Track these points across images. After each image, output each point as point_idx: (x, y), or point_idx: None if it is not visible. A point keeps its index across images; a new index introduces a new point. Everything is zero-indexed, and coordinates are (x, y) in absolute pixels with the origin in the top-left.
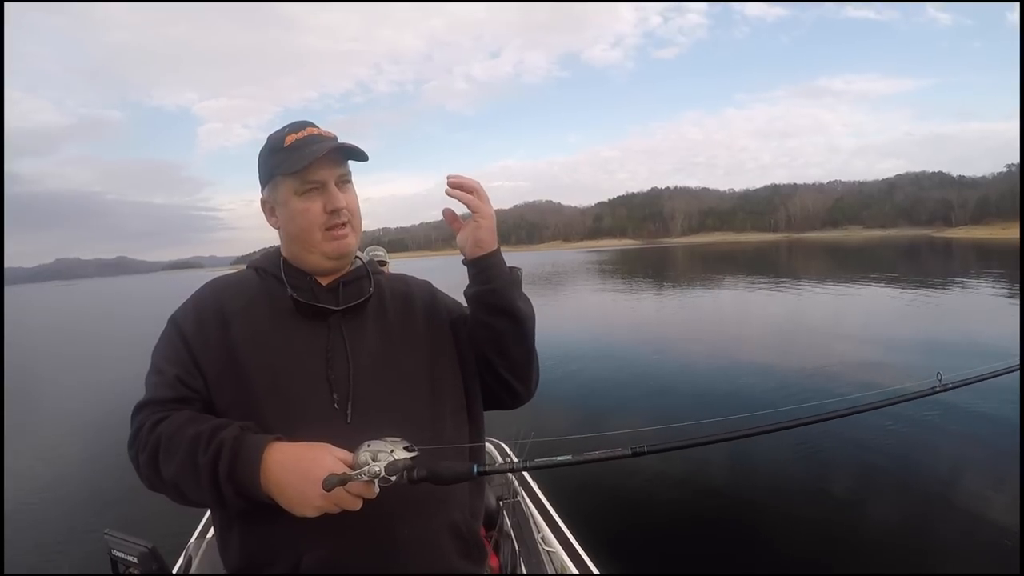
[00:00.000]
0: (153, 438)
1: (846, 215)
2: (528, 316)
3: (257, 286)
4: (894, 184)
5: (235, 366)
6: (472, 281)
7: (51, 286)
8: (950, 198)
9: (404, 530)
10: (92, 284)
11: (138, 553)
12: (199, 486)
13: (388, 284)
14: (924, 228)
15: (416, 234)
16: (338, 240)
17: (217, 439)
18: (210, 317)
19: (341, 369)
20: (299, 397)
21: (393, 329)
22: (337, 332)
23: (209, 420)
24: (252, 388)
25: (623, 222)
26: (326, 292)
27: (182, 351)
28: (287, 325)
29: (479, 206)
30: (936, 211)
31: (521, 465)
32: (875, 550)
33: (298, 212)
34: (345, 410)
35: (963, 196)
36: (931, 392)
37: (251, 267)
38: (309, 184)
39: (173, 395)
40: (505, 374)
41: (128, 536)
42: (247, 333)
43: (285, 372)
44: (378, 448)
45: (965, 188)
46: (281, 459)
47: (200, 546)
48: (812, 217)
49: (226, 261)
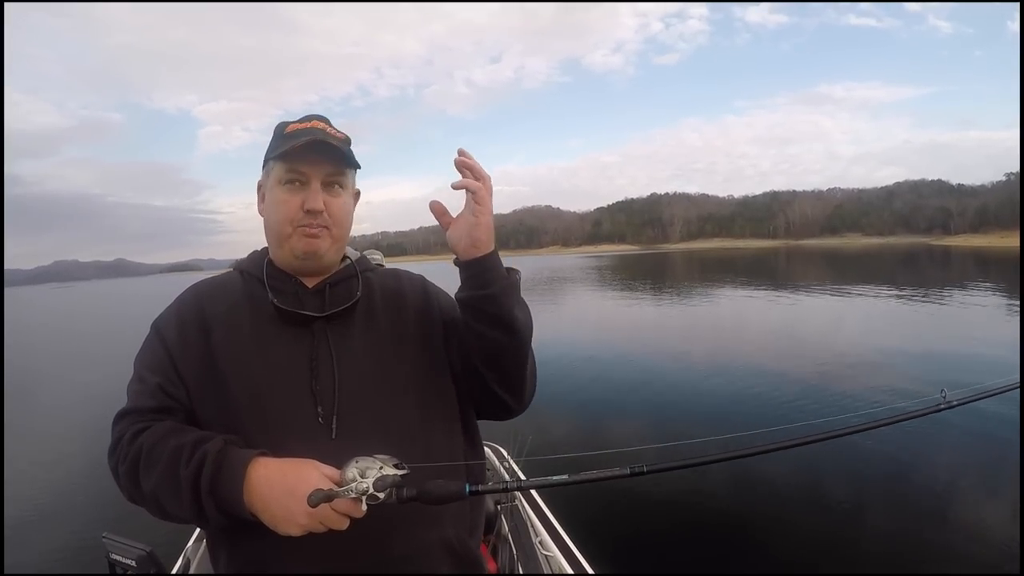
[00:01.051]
0: (134, 449)
1: (845, 222)
2: (526, 327)
3: (240, 290)
4: (893, 192)
5: (216, 376)
6: (465, 284)
7: (49, 288)
8: (949, 206)
9: (396, 547)
10: (90, 286)
11: (136, 556)
12: (179, 500)
13: (379, 281)
14: (923, 236)
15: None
16: (308, 239)
17: (200, 451)
18: (192, 324)
19: (326, 380)
20: (282, 411)
21: (382, 333)
22: (322, 339)
23: (192, 432)
24: (233, 400)
25: (622, 227)
26: (311, 295)
27: (164, 359)
28: (269, 332)
29: (484, 198)
30: (935, 219)
31: (515, 485)
32: (872, 560)
33: (277, 201)
34: (330, 424)
35: (962, 204)
36: (936, 409)
37: (236, 269)
38: (292, 174)
39: (155, 405)
40: (496, 388)
41: (126, 539)
42: (228, 341)
43: (267, 384)
44: (366, 465)
45: (964, 196)
46: (266, 474)
47: (198, 549)
48: (811, 224)
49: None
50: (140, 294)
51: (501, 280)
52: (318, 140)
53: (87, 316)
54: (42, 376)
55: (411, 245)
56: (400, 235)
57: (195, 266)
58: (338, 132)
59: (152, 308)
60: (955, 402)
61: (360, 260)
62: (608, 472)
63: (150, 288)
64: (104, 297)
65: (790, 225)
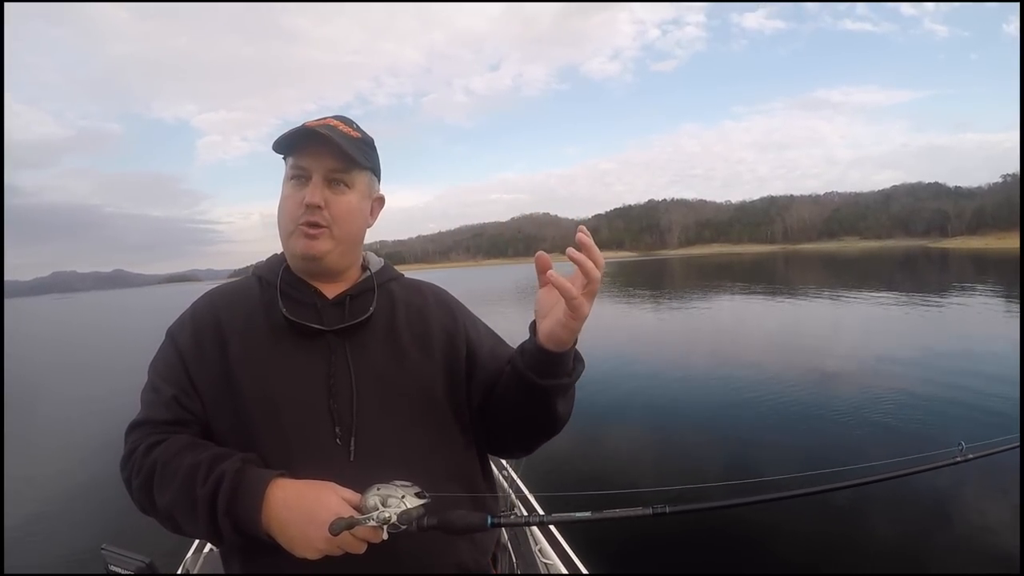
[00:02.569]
0: (148, 463)
1: (843, 226)
2: (563, 418)
3: (257, 298)
4: (890, 195)
5: (232, 390)
6: (527, 358)
7: (48, 299)
8: (946, 208)
9: (411, 570)
10: (89, 297)
11: (135, 568)
12: (195, 519)
13: (403, 294)
14: (920, 239)
15: (413, 247)
16: (307, 239)
17: (217, 470)
18: (207, 333)
19: (344, 398)
20: (299, 429)
21: (404, 350)
22: (341, 354)
23: (208, 448)
24: (249, 414)
25: (620, 234)
26: (331, 307)
27: (179, 370)
28: (286, 345)
29: (583, 310)
30: (932, 221)
31: (537, 520)
32: (872, 560)
33: (283, 198)
34: (348, 446)
35: (959, 206)
36: (953, 462)
37: (255, 274)
38: (296, 169)
39: (170, 417)
40: (511, 444)
41: (125, 551)
42: (244, 354)
43: (284, 400)
44: (388, 493)
45: (961, 199)
46: (284, 497)
47: (197, 560)
48: (809, 228)
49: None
50: (139, 306)
51: (563, 377)
52: (318, 133)
53: (86, 327)
54: (42, 388)
55: (409, 254)
56: (398, 244)
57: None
58: (354, 131)
59: (150, 319)
60: (971, 455)
61: (382, 271)
62: (631, 511)
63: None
64: (103, 308)
65: (788, 230)
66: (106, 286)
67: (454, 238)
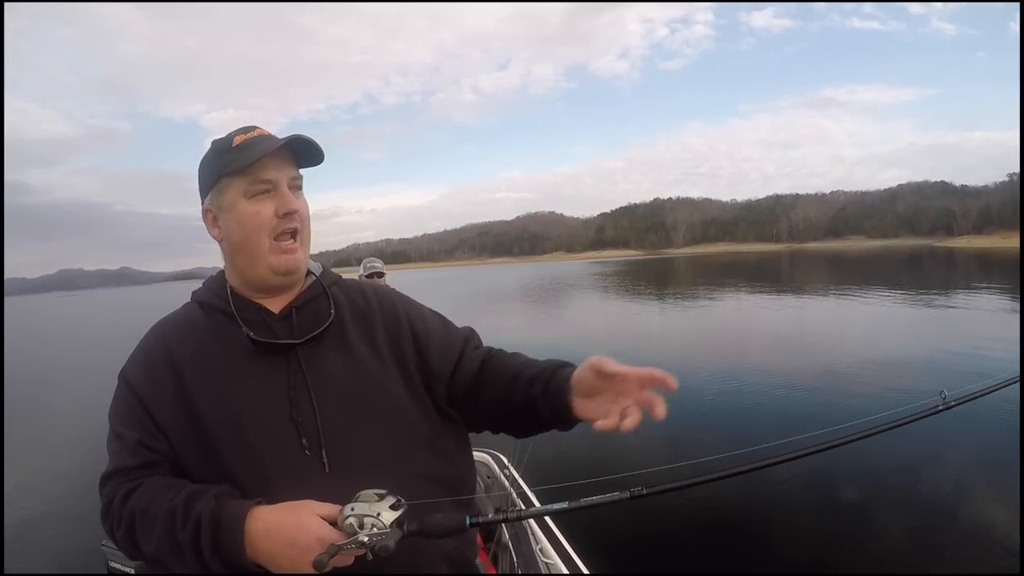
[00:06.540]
0: (126, 514)
1: (848, 225)
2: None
3: (204, 324)
4: (896, 194)
5: (194, 422)
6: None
7: (54, 296)
8: (952, 207)
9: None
10: (95, 295)
11: (135, 563)
12: (183, 562)
13: (347, 298)
14: (926, 238)
15: (419, 245)
16: (287, 254)
17: (194, 513)
18: (161, 368)
19: (306, 410)
20: (267, 447)
21: (357, 355)
22: (297, 367)
23: (181, 488)
24: (216, 443)
25: (625, 233)
26: (279, 321)
27: (138, 411)
28: (242, 367)
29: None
30: (938, 220)
31: (515, 515)
32: (874, 559)
33: (247, 216)
34: (320, 457)
35: (965, 205)
36: (935, 411)
37: (195, 301)
38: (260, 184)
39: (137, 462)
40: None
41: None
42: (202, 383)
43: (248, 420)
44: (363, 512)
45: (968, 197)
46: (264, 528)
47: None
48: (814, 227)
49: None
50: (146, 302)
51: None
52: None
53: (92, 324)
54: (47, 384)
55: (415, 252)
56: (404, 242)
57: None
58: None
59: (158, 316)
60: (953, 403)
61: (324, 274)
62: (607, 497)
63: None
64: (109, 305)
65: (793, 228)
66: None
67: (459, 237)
